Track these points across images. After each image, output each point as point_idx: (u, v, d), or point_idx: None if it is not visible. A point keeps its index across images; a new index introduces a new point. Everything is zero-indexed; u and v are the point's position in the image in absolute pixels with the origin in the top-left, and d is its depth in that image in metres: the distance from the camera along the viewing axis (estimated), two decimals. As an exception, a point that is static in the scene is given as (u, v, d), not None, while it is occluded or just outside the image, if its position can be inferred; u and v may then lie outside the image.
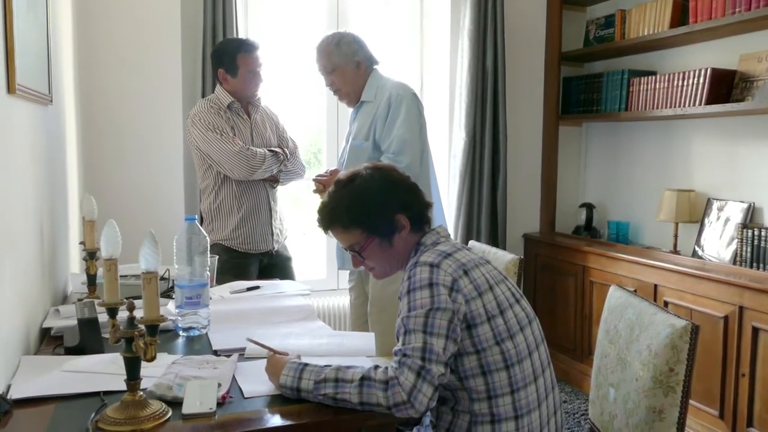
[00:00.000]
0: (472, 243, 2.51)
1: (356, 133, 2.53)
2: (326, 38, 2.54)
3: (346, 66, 2.50)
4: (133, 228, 2.94)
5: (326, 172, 2.59)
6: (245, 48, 2.58)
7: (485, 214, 3.55)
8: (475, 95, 3.47)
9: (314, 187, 2.60)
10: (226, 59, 2.58)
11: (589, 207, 3.77)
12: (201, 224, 2.67)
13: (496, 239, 3.60)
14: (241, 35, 3.11)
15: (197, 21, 3.02)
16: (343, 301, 3.45)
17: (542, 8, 3.76)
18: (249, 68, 2.58)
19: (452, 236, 3.50)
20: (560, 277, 3.55)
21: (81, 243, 1.98)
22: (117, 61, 2.88)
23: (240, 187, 2.58)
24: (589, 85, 3.66)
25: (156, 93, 2.94)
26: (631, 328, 1.52)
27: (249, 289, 2.10)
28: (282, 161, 2.63)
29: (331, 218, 1.45)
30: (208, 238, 1.74)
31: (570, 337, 3.47)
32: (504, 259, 2.20)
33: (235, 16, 3.03)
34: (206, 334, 1.69)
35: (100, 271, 1.98)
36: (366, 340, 1.62)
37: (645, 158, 3.50)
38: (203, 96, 2.90)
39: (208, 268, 1.83)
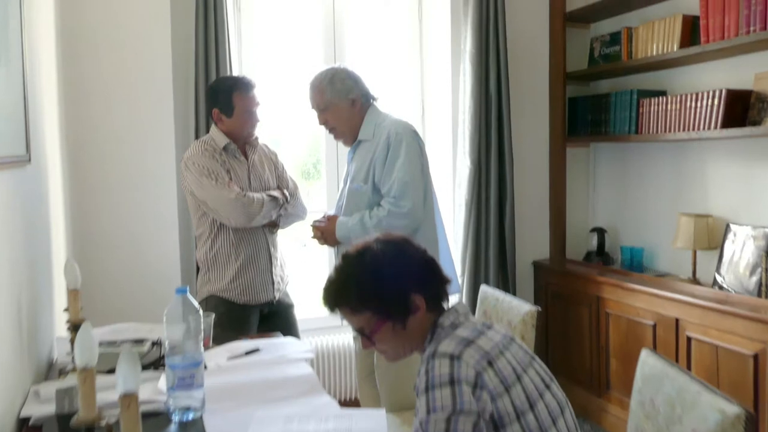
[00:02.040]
0: (483, 289, 2.37)
1: (354, 175, 2.40)
2: (319, 75, 2.41)
3: (340, 103, 2.37)
4: (126, 281, 2.86)
5: (324, 218, 2.46)
6: (241, 87, 2.45)
7: (493, 243, 3.41)
8: (479, 120, 3.34)
9: (312, 234, 2.48)
10: (221, 98, 2.44)
11: (600, 232, 3.63)
12: (197, 274, 2.53)
13: (505, 269, 3.46)
14: (235, 65, 2.98)
15: (188, 57, 2.89)
16: (347, 338, 3.31)
17: (544, 26, 3.64)
18: (245, 108, 2.45)
19: (459, 269, 3.38)
20: (573, 306, 3.40)
21: (65, 310, 1.84)
22: (105, 105, 2.75)
23: (237, 234, 2.44)
24: (596, 106, 3.52)
25: (147, 135, 2.80)
26: (671, 406, 1.37)
27: (248, 353, 1.95)
28: (281, 205, 2.49)
29: (338, 298, 1.31)
30: (201, 313, 1.59)
31: (586, 369, 3.32)
32: (520, 310, 2.06)
33: (227, 44, 2.90)
34: (201, 417, 1.54)
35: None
36: (376, 421, 1.48)
37: (658, 181, 3.36)
38: (197, 137, 2.76)
39: (202, 334, 1.69)
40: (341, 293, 1.30)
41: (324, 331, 3.41)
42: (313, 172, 3.64)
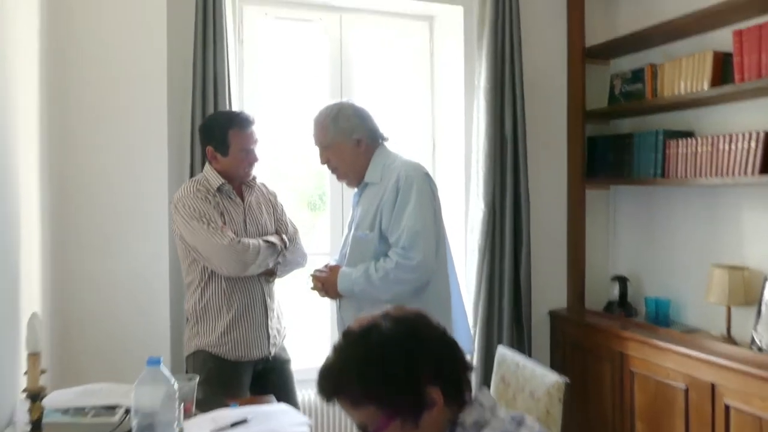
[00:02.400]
0: (501, 351, 2.13)
1: (360, 221, 2.18)
2: (323, 111, 2.21)
3: (344, 143, 2.17)
4: (107, 331, 2.59)
5: (325, 267, 2.24)
6: (238, 123, 2.25)
7: (508, 292, 3.17)
8: (494, 160, 3.13)
9: (311, 284, 2.26)
10: (216, 135, 2.25)
11: (622, 280, 3.38)
12: (186, 325, 2.31)
13: (520, 319, 3.22)
14: (235, 100, 2.79)
15: (185, 90, 2.70)
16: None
17: (562, 62, 3.46)
18: (242, 146, 2.25)
19: (470, 318, 3.14)
20: (594, 361, 3.15)
21: (25, 373, 1.61)
22: (92, 139, 2.53)
23: (230, 283, 2.22)
24: (617, 146, 3.31)
25: (138, 173, 2.58)
26: None
27: (234, 424, 1.71)
28: (280, 252, 2.27)
29: (336, 387, 1.08)
30: (176, 386, 1.36)
31: (608, 430, 3.04)
32: (545, 380, 1.81)
33: (227, 77, 2.72)
34: None
35: (49, 413, 1.62)
36: None
37: (686, 227, 3.13)
38: (192, 176, 2.56)
39: (179, 405, 1.46)
40: (340, 381, 1.07)
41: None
42: (319, 204, 3.44)
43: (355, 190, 2.28)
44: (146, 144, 2.60)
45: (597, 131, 3.50)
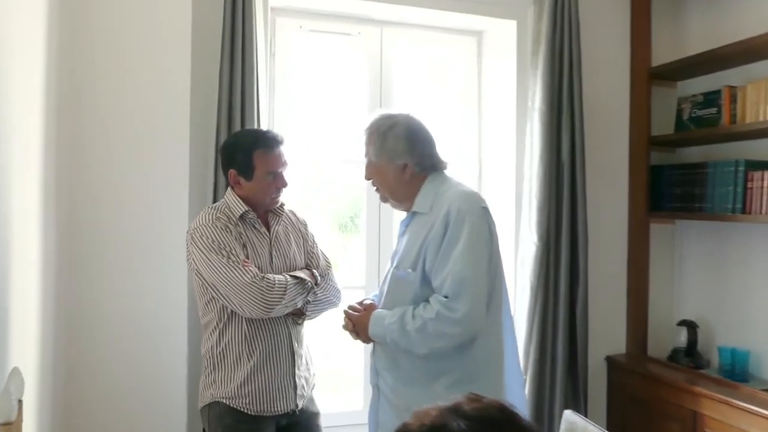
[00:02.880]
0: (569, 418, 1.78)
1: (402, 257, 1.86)
2: (377, 120, 1.90)
3: (388, 166, 1.87)
4: (120, 377, 2.24)
5: (362, 304, 1.95)
6: (264, 143, 1.98)
7: (562, 337, 2.83)
8: (549, 189, 2.81)
9: (343, 323, 1.97)
10: (239, 157, 1.97)
11: (690, 326, 3.00)
12: (202, 372, 2.02)
13: (574, 368, 2.87)
14: (264, 118, 2.53)
15: (210, 108, 2.45)
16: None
17: (624, 83, 3.14)
18: (269, 169, 1.97)
19: (522, 363, 2.79)
20: (658, 419, 2.78)
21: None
22: (107, 160, 2.30)
23: (252, 325, 1.93)
24: (686, 177, 2.97)
25: (156, 200, 2.33)
26: None
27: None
28: (309, 289, 1.98)
29: None
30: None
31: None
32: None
33: (256, 93, 2.46)
34: None
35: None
36: None
37: (764, 269, 2.76)
38: (215, 201, 2.30)
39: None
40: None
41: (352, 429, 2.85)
42: (350, 226, 3.17)
43: (404, 217, 1.98)
44: (165, 166, 2.35)
45: (661, 160, 3.16)
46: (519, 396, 1.92)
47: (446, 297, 1.71)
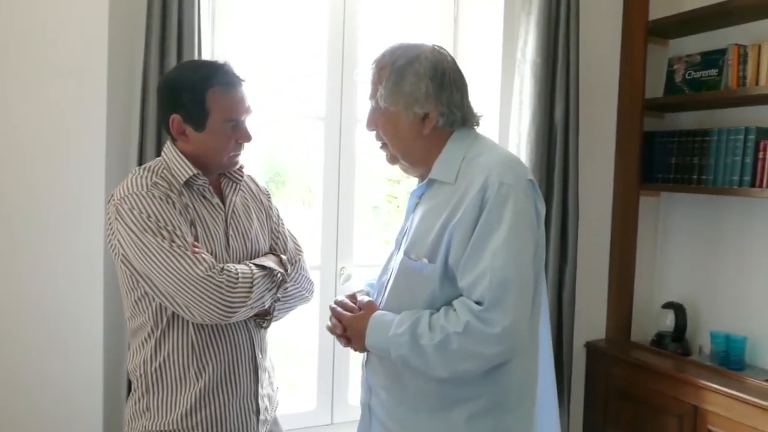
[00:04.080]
0: None
1: (415, 240, 1.38)
2: (392, 49, 1.41)
3: (403, 114, 1.38)
4: (9, 403, 1.73)
5: (356, 298, 1.47)
6: (223, 78, 1.44)
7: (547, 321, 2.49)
8: (540, 157, 2.44)
9: (330, 323, 1.48)
10: (187, 97, 1.42)
11: (678, 309, 2.74)
12: (127, 395, 1.50)
13: (559, 354, 2.55)
14: (206, 54, 1.98)
15: (135, 43, 1.87)
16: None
17: (617, 38, 2.78)
18: (228, 115, 1.43)
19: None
20: (652, 413, 2.51)
21: None
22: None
23: (203, 332, 1.42)
24: (684, 146, 2.67)
25: (59, 157, 1.76)
26: None
27: None
28: (280, 283, 1.48)
29: None
30: None
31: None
32: None
33: (197, 26, 1.90)
34: None
35: None
36: None
37: (767, 247, 2.52)
38: (141, 162, 1.74)
39: None
40: None
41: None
42: (305, 206, 2.65)
43: (414, 186, 1.51)
44: (73, 111, 1.77)
45: (650, 126, 2.84)
46: (552, 425, 1.53)
47: (479, 303, 1.26)
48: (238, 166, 1.53)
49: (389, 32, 2.60)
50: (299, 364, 2.63)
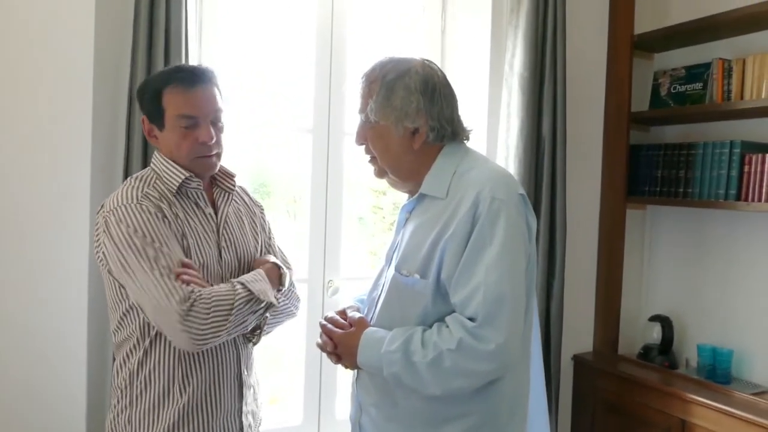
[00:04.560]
0: None
1: (405, 256, 1.37)
2: (382, 65, 1.39)
3: (393, 128, 1.37)
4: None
5: (344, 315, 1.45)
6: (179, 78, 1.40)
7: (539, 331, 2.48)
8: (528, 170, 2.43)
9: (320, 340, 1.45)
10: (148, 96, 1.41)
11: (665, 322, 2.75)
12: (110, 410, 1.46)
13: (547, 368, 2.53)
14: (193, 55, 1.95)
15: (122, 51, 1.84)
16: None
17: (603, 52, 2.81)
18: (180, 111, 1.39)
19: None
20: (639, 427, 2.51)
21: None
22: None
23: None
24: (670, 159, 2.69)
25: (44, 169, 1.73)
26: None
27: None
28: (268, 306, 1.43)
29: None
30: None
31: None
32: None
33: (185, 32, 1.88)
34: None
35: None
36: None
37: (753, 260, 2.54)
38: (127, 171, 1.71)
39: None
40: None
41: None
42: (290, 218, 2.62)
43: (405, 200, 1.50)
44: (58, 118, 1.74)
45: (636, 139, 2.86)
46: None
47: (472, 320, 1.24)
48: (215, 169, 1.48)
49: (376, 46, 2.60)
50: (285, 376, 2.59)
